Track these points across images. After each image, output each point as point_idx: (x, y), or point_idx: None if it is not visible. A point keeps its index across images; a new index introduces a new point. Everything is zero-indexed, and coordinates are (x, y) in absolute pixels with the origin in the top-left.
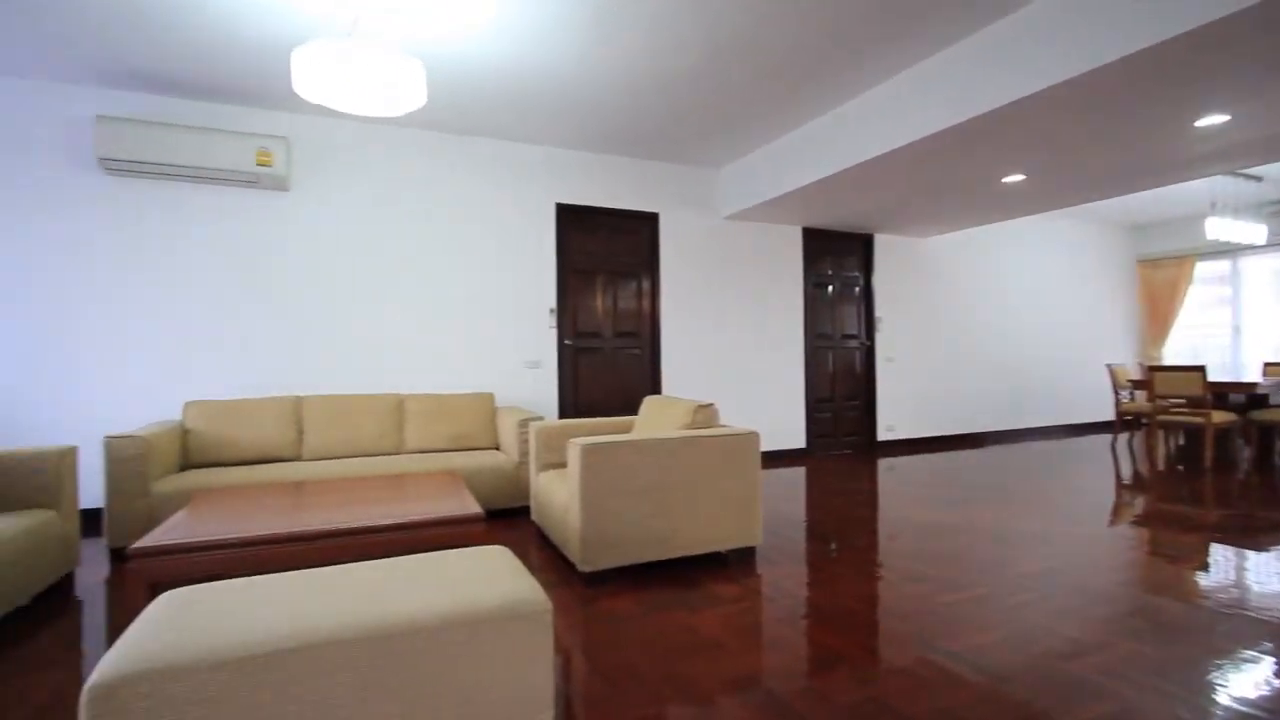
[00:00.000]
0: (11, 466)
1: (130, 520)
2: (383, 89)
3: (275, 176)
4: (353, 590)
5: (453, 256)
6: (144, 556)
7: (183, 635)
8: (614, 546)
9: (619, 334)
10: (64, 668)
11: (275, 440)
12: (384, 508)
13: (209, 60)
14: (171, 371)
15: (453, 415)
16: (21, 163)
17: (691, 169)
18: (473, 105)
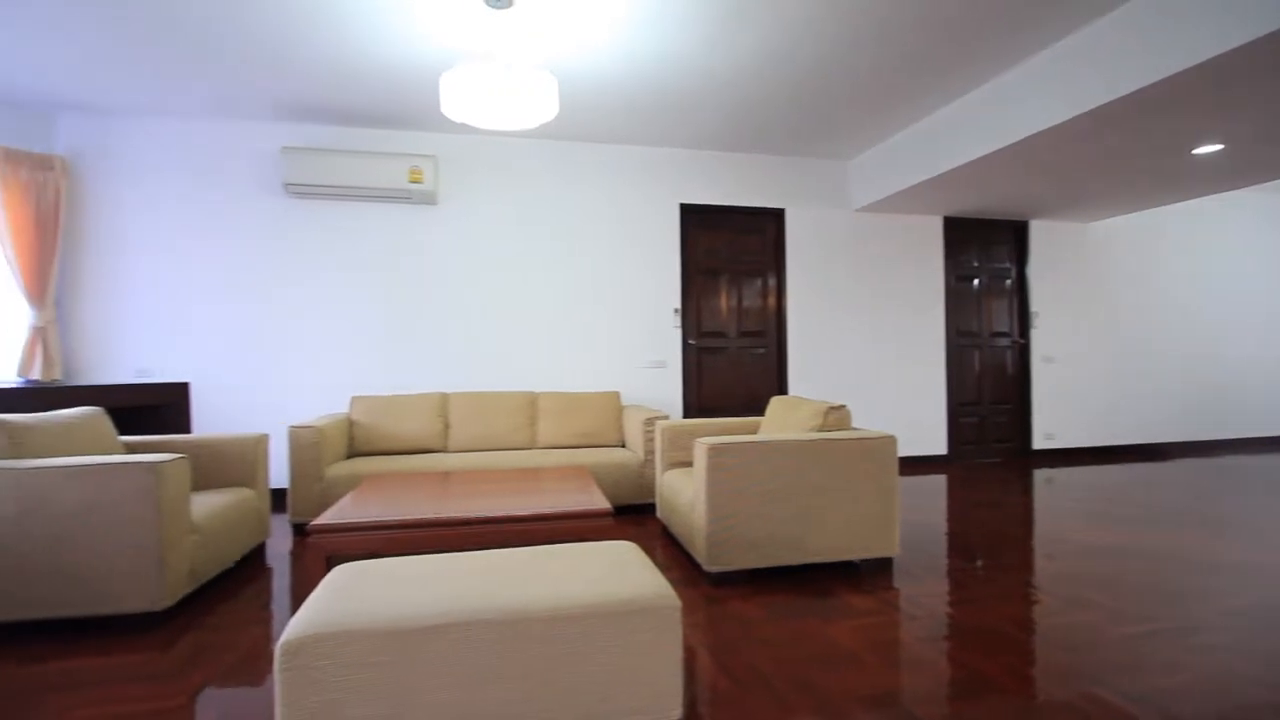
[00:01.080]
0: (220, 451)
1: (308, 499)
2: (519, 104)
3: (425, 192)
4: (495, 575)
5: (581, 260)
6: (321, 533)
7: (354, 605)
8: (741, 548)
9: (743, 333)
10: (260, 624)
11: (425, 433)
12: (520, 499)
13: (369, 92)
14: (341, 369)
15: (581, 413)
16: (223, 190)
17: (819, 162)
18: (599, 113)
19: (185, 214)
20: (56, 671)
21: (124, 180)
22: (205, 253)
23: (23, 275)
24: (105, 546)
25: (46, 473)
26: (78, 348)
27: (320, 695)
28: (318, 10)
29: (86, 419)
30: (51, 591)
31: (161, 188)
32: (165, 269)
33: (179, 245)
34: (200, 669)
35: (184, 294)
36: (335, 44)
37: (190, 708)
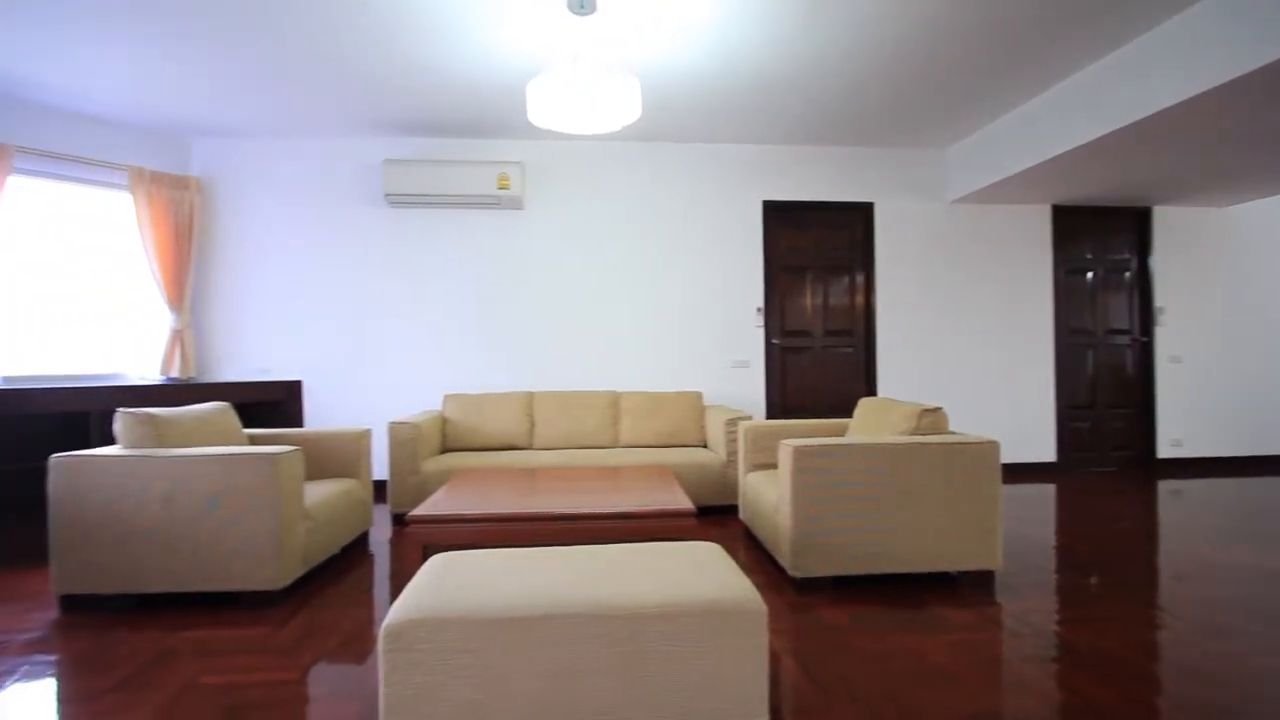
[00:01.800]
0: (328, 444)
1: (406, 491)
2: (602, 108)
3: (512, 197)
4: (582, 570)
5: (662, 260)
6: (418, 524)
7: (450, 593)
8: (827, 554)
9: (829, 332)
10: (362, 607)
11: (512, 430)
12: (604, 497)
13: (460, 104)
14: (435, 368)
15: (663, 412)
16: (331, 202)
17: (911, 152)
18: (680, 113)
19: (299, 225)
20: (191, 640)
21: (247, 196)
22: (315, 260)
23: (164, 284)
24: (232, 529)
25: (185, 461)
26: (209, 348)
27: (421, 677)
28: (413, 34)
29: (217, 413)
30: (188, 567)
31: (279, 202)
32: (282, 276)
33: (293, 254)
34: (311, 646)
35: (297, 299)
36: (429, 63)
37: (303, 681)
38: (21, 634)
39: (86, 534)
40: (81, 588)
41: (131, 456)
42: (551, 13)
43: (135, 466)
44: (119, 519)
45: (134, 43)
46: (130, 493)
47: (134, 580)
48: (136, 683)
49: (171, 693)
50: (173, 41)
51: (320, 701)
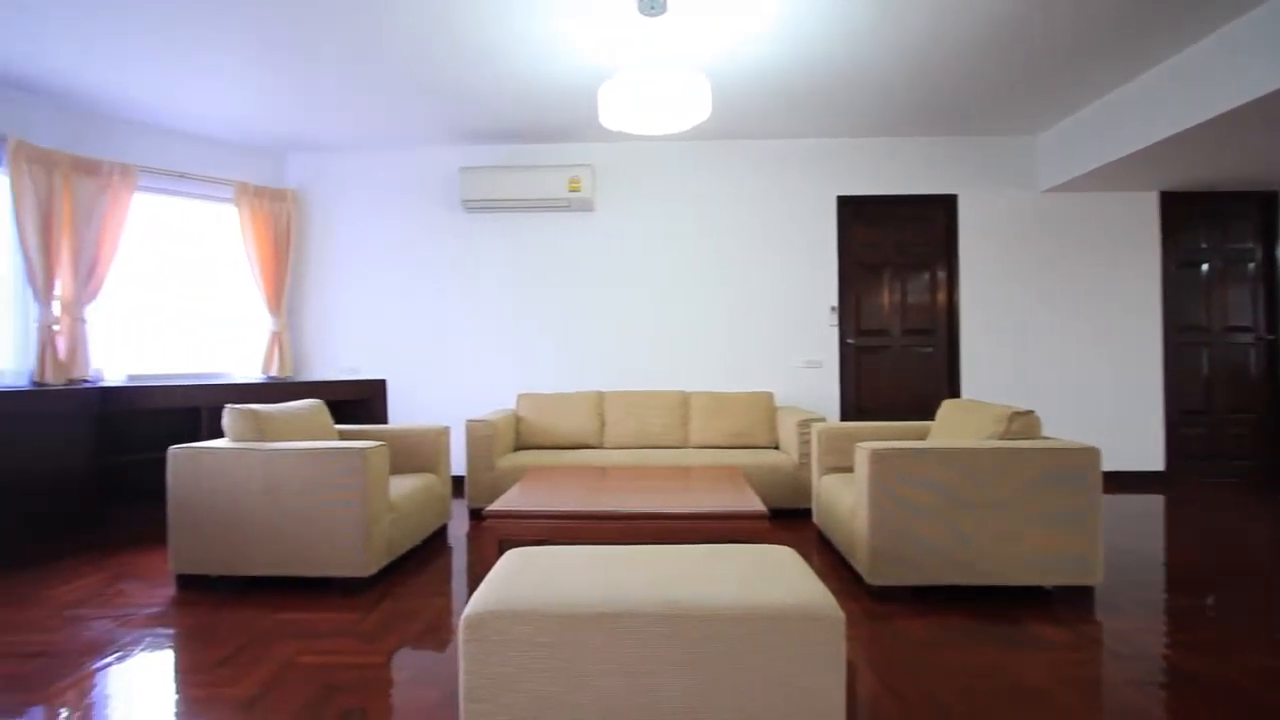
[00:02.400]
0: (410, 440)
1: (482, 487)
2: (673, 109)
3: (583, 199)
4: (655, 569)
5: (732, 258)
6: (495, 518)
7: (528, 587)
8: (907, 562)
9: (908, 331)
10: (442, 596)
11: (583, 429)
12: (675, 497)
13: (533, 110)
14: (509, 367)
15: (733, 413)
16: (412, 209)
17: (998, 140)
18: (750, 109)
19: (382, 232)
20: (289, 621)
21: (335, 206)
22: (398, 265)
23: (265, 289)
24: (325, 518)
25: (284, 454)
26: (303, 349)
27: (499, 667)
28: (488, 47)
29: (311, 410)
30: (286, 554)
31: (364, 210)
32: (367, 280)
33: (377, 259)
34: (395, 632)
35: (381, 302)
36: (504, 73)
37: (388, 665)
38: (146, 608)
39: (198, 519)
40: (195, 568)
41: (236, 449)
42: (622, 16)
43: (240, 458)
44: (226, 506)
45: (239, 70)
46: (235, 482)
47: (239, 563)
48: (242, 658)
49: (273, 669)
50: (271, 68)
51: (404, 686)
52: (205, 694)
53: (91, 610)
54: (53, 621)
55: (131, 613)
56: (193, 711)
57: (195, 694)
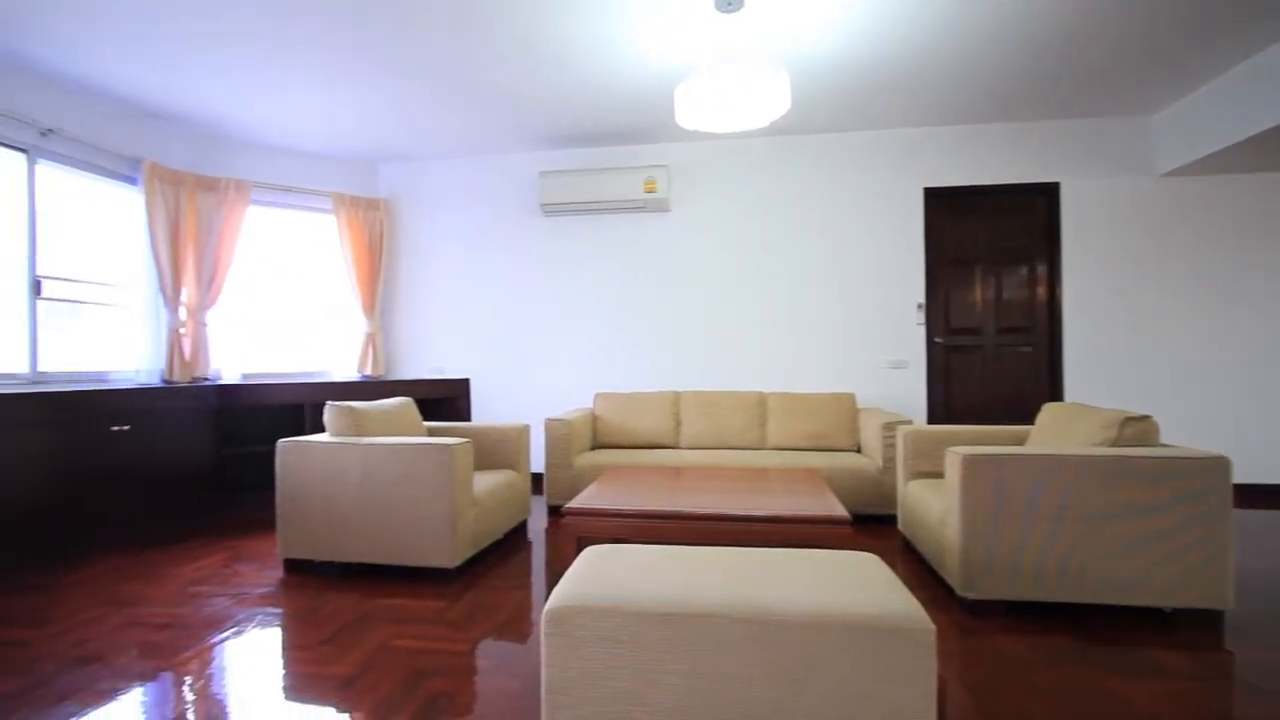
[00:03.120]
0: (492, 438)
1: (560, 484)
2: (751, 105)
3: (658, 200)
4: (735, 571)
5: (812, 256)
6: (574, 515)
7: (607, 585)
8: (1003, 575)
9: (1003, 329)
10: (522, 590)
11: (659, 429)
12: (752, 499)
13: (609, 114)
14: (586, 367)
15: (812, 414)
16: (494, 214)
17: (1106, 121)
18: (830, 101)
19: (465, 237)
20: (384, 606)
21: (424, 213)
22: (480, 269)
23: (360, 293)
24: (414, 511)
25: (378, 448)
26: (393, 349)
27: (579, 662)
28: (567, 54)
29: (402, 407)
30: (380, 542)
31: (449, 216)
32: (452, 284)
33: (461, 263)
34: (479, 622)
35: (465, 304)
36: (581, 78)
37: (473, 653)
38: (257, 588)
39: (303, 508)
40: (299, 553)
41: (337, 443)
42: (698, 14)
43: (339, 451)
44: (326, 496)
45: (338, 91)
46: (335, 474)
47: (339, 550)
48: (341, 639)
49: (369, 650)
50: (367, 86)
51: (488, 674)
52: (309, 671)
53: (211, 588)
54: (179, 597)
55: (245, 592)
56: (298, 687)
57: (300, 670)
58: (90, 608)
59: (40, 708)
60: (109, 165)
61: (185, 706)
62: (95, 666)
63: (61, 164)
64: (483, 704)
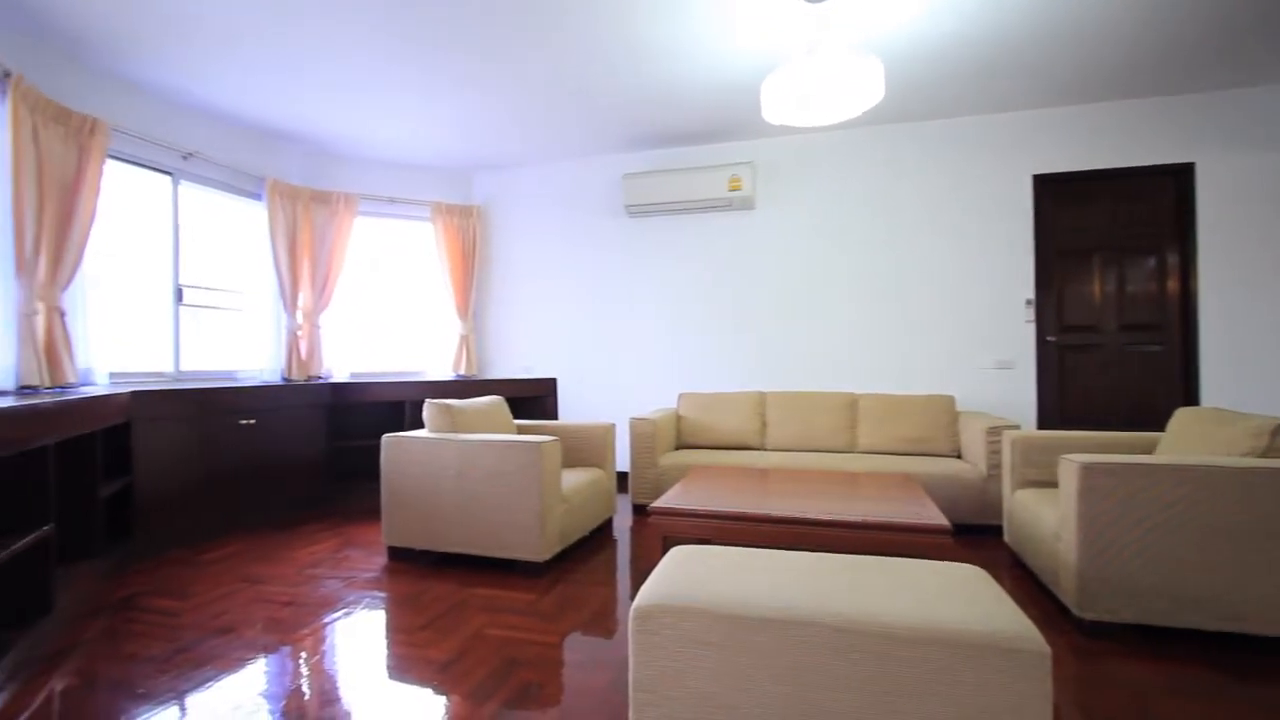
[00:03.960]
0: (579, 436)
1: (644, 483)
2: (842, 95)
3: (743, 198)
4: (827, 578)
5: (906, 251)
6: (659, 515)
7: (694, 585)
8: (1128, 596)
9: (1127, 326)
10: (608, 586)
11: (744, 430)
12: (843, 504)
13: (693, 113)
14: (670, 367)
15: (907, 417)
16: (579, 217)
17: (1249, 94)
18: (925, 87)
19: (552, 240)
20: (479, 596)
21: (513, 218)
22: (566, 271)
23: (455, 297)
24: (505, 505)
25: (473, 445)
26: (485, 350)
27: (665, 661)
28: (650, 52)
29: (494, 405)
30: (474, 534)
31: (537, 221)
32: (539, 286)
33: (548, 266)
34: (567, 616)
35: (552, 305)
36: (666, 79)
37: (561, 646)
38: (364, 573)
39: (404, 499)
40: (401, 541)
41: (435, 439)
42: (786, 6)
43: (436, 446)
44: (425, 489)
45: (434, 106)
46: (433, 468)
47: (437, 540)
48: (440, 625)
49: (465, 637)
50: (460, 101)
51: (575, 667)
52: (410, 653)
53: (324, 571)
54: (298, 577)
55: (354, 576)
56: (401, 667)
57: (402, 652)
58: (225, 583)
59: (185, 671)
60: (238, 183)
61: (301, 679)
62: (229, 637)
63: (199, 184)
64: (570, 696)
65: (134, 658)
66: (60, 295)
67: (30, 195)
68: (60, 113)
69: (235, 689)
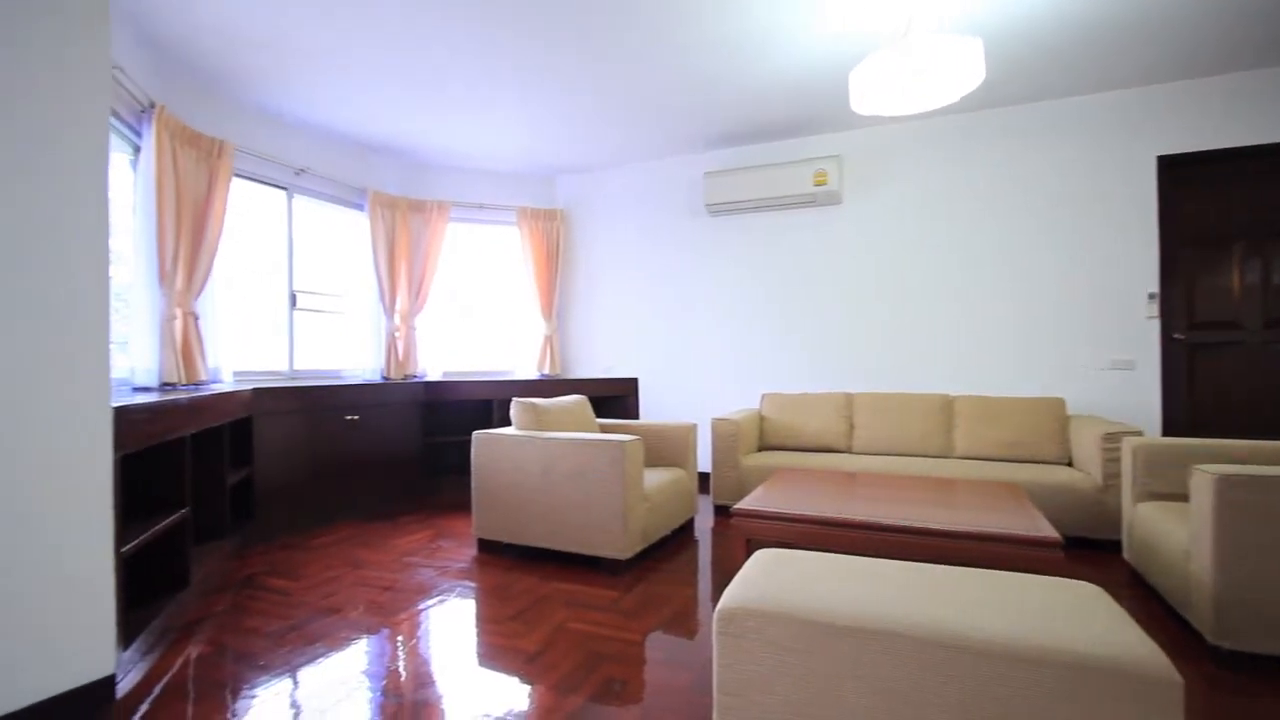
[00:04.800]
0: (660, 436)
1: (726, 484)
2: (938, 81)
3: (829, 193)
4: (921, 589)
5: (1008, 243)
6: (742, 517)
7: (780, 590)
8: (1273, 625)
9: (1273, 322)
10: (689, 586)
11: (829, 431)
12: (939, 512)
13: (777, 107)
14: (752, 367)
15: (1009, 421)
16: (660, 217)
17: None
18: (1032, 65)
19: (634, 241)
20: (563, 590)
21: (594, 220)
22: (647, 271)
23: (539, 298)
24: (588, 503)
25: (557, 443)
26: (568, 350)
27: (751, 666)
28: (732, 44)
29: (577, 404)
30: (559, 530)
31: (618, 221)
32: (620, 286)
33: (630, 266)
34: (649, 614)
35: (633, 305)
36: (748, 71)
37: (644, 643)
38: (456, 563)
39: (492, 493)
40: (490, 535)
41: (522, 436)
42: None
43: (523, 444)
44: (512, 484)
45: (519, 114)
46: (520, 464)
47: (522, 534)
48: (527, 617)
49: (550, 630)
50: (546, 107)
51: (658, 665)
52: (498, 643)
53: (420, 559)
54: (396, 565)
55: (447, 565)
56: (490, 655)
57: (491, 641)
58: (333, 567)
59: (299, 646)
60: (343, 195)
61: (399, 661)
62: (336, 617)
63: (310, 196)
64: (654, 694)
65: (255, 632)
66: (194, 302)
67: (170, 212)
68: (193, 137)
69: (341, 666)
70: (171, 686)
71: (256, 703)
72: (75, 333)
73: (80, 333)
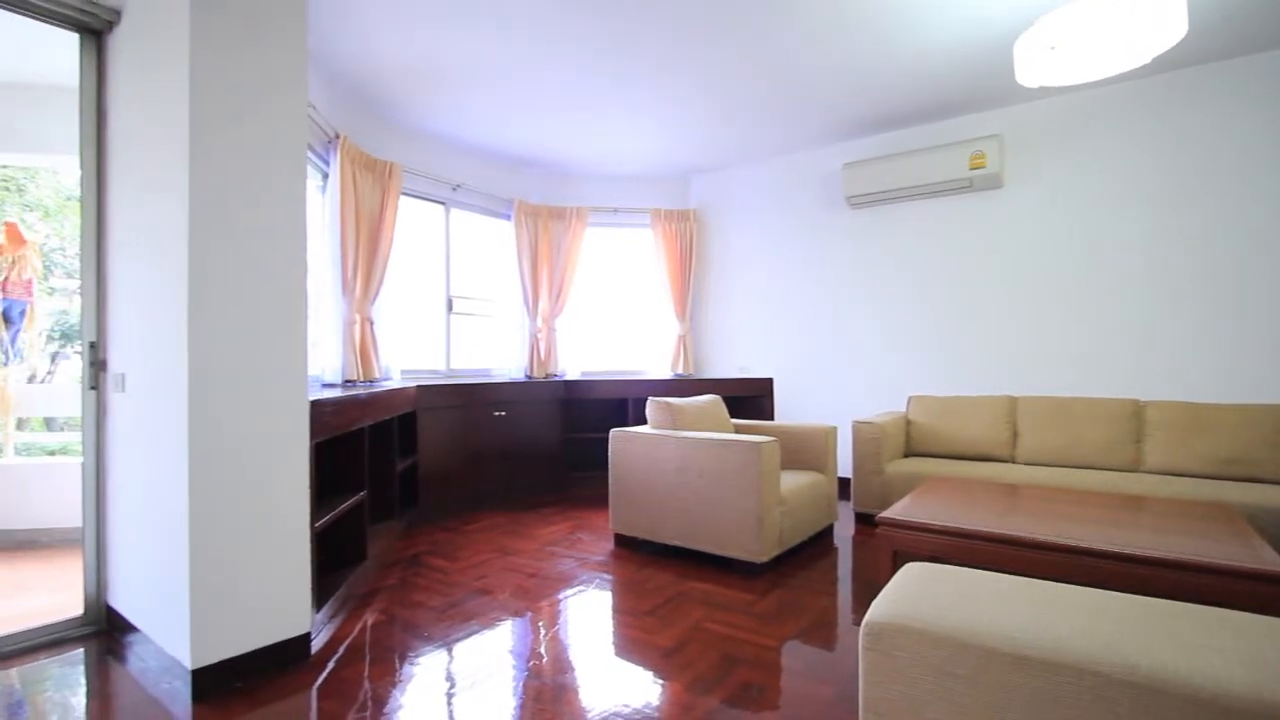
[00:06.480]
0: (797, 438)
1: (868, 491)
2: (1126, 40)
3: (988, 176)
4: (1108, 620)
5: (1209, 225)
6: (889, 526)
7: (935, 607)
8: None
9: None
10: (828, 596)
11: (988, 438)
12: (1125, 533)
13: (923, 89)
14: (897, 367)
15: (1218, 431)
16: (796, 212)
17: None
18: (1235, 12)
19: (767, 238)
20: (699, 590)
21: (727, 218)
22: (783, 268)
23: (673, 298)
24: (723, 503)
25: (692, 442)
26: (701, 349)
27: (901, 686)
28: (880, 33)
29: (712, 404)
30: (693, 529)
31: (752, 220)
32: (755, 284)
33: (764, 264)
34: (786, 620)
35: (768, 304)
36: (894, 55)
37: (779, 650)
38: (594, 555)
39: (629, 489)
40: (626, 530)
41: (657, 434)
42: None
43: (659, 442)
44: (648, 481)
45: (654, 117)
46: (655, 462)
47: (657, 531)
48: (662, 612)
49: (686, 628)
50: (680, 108)
51: (796, 675)
52: (635, 636)
53: (561, 550)
54: (540, 553)
55: (586, 557)
56: (626, 647)
57: (627, 634)
58: (484, 551)
59: (457, 621)
60: (493, 206)
61: (541, 644)
62: (487, 598)
63: (465, 209)
64: (793, 704)
65: (420, 605)
66: (370, 308)
67: (351, 230)
68: (370, 162)
69: (491, 643)
70: (352, 648)
71: (419, 669)
72: (286, 335)
73: (289, 336)
